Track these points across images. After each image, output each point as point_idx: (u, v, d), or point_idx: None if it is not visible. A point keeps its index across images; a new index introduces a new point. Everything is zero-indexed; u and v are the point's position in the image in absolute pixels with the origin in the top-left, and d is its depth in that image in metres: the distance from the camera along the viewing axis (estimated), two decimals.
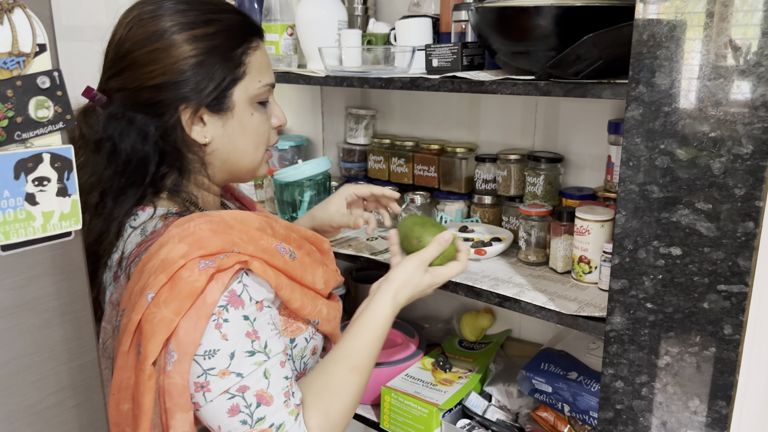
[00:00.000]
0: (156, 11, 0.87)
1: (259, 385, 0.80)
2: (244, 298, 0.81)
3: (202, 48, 0.87)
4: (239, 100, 0.90)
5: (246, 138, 0.93)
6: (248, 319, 0.81)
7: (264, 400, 0.80)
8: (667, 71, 0.81)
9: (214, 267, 0.78)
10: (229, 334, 0.79)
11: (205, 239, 0.80)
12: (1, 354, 0.63)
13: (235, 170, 0.96)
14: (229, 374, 0.79)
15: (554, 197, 1.31)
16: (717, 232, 0.81)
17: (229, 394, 0.79)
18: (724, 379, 0.84)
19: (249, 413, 0.79)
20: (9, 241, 0.61)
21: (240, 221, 0.85)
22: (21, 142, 0.62)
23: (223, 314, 0.79)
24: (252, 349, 0.81)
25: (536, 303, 1.07)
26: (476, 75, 1.10)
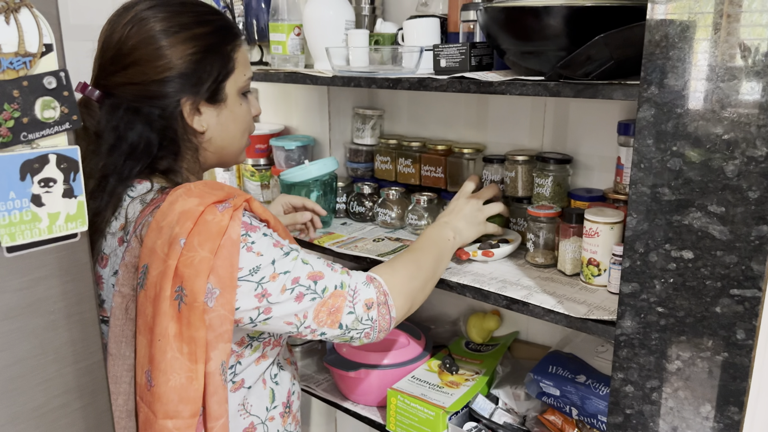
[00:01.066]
0: (152, 13, 0.96)
1: (305, 270, 0.93)
2: (255, 223, 0.93)
3: (199, 46, 0.97)
4: (230, 92, 1.02)
5: (236, 125, 1.05)
6: (267, 235, 0.93)
7: (317, 277, 0.94)
8: (680, 72, 0.80)
9: (231, 207, 0.90)
10: (262, 250, 0.91)
11: (209, 191, 0.91)
12: (8, 355, 0.63)
13: (225, 155, 1.07)
14: (278, 275, 0.91)
15: (563, 199, 1.29)
16: (730, 236, 0.80)
17: (288, 290, 0.91)
18: (736, 384, 0.83)
19: (313, 290, 0.93)
20: (15, 242, 0.61)
21: (226, 185, 0.97)
22: (27, 142, 0.61)
23: (247, 240, 0.90)
24: (284, 251, 0.93)
25: (545, 306, 1.06)
26: (485, 75, 1.09)
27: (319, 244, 1.40)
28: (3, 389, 0.63)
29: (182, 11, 0.98)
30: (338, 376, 1.44)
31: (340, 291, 0.95)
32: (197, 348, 0.87)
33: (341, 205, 1.60)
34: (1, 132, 0.59)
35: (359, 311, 0.96)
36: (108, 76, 0.97)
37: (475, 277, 1.19)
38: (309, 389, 1.51)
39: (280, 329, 0.95)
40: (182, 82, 0.96)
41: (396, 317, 1.00)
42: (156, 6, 0.97)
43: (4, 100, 0.59)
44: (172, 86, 0.96)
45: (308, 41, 1.47)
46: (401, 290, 1.02)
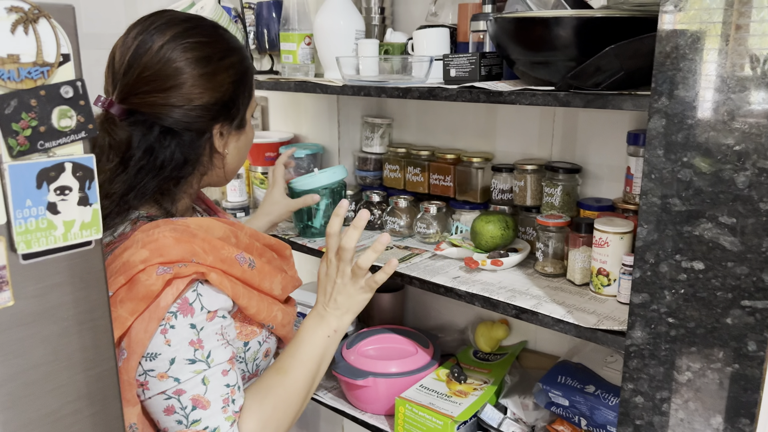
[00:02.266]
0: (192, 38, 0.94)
1: (196, 390, 0.85)
2: (196, 306, 0.86)
3: (236, 74, 0.98)
4: (247, 117, 1.04)
5: (246, 148, 1.07)
6: (195, 328, 0.86)
7: (200, 404, 0.85)
8: (690, 83, 0.80)
9: (172, 273, 0.84)
10: (173, 341, 0.84)
11: (167, 246, 0.85)
12: (22, 362, 0.63)
13: (228, 176, 1.06)
14: (167, 378, 0.85)
15: (572, 208, 1.30)
16: (741, 247, 0.80)
17: (165, 395, 0.85)
18: (747, 396, 0.83)
19: (184, 415, 0.85)
20: (30, 249, 0.62)
21: (204, 230, 0.91)
22: (44, 151, 0.62)
23: (171, 320, 0.84)
24: (193, 358, 0.85)
25: (554, 315, 1.06)
26: (494, 85, 1.09)
27: None
28: (18, 395, 0.63)
29: (215, 36, 0.97)
30: (346, 384, 1.44)
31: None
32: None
33: (350, 213, 1.60)
34: (18, 141, 0.60)
35: None
36: (141, 95, 0.92)
37: (484, 286, 1.19)
38: (316, 397, 1.51)
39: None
40: (217, 109, 0.96)
41: None
42: (191, 30, 0.94)
43: (22, 109, 0.60)
44: (208, 113, 0.95)
45: (318, 50, 1.48)
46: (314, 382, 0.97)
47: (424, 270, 1.29)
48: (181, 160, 0.95)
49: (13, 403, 0.63)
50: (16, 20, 0.59)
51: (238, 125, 1.01)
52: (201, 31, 0.96)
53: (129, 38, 0.94)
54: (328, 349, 1.01)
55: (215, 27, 0.99)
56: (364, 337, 1.53)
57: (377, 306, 1.67)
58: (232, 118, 0.99)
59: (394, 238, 1.52)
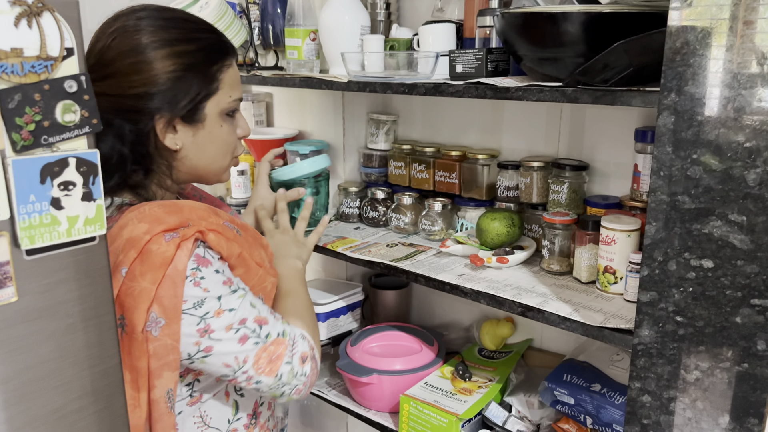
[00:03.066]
0: (139, 25, 0.93)
1: (253, 314, 0.94)
2: (208, 257, 0.91)
3: (181, 64, 0.94)
4: (211, 112, 0.99)
5: (215, 147, 1.02)
6: (219, 272, 0.92)
7: (263, 322, 0.94)
8: (700, 79, 0.79)
9: (179, 236, 0.88)
10: (209, 286, 0.90)
11: (163, 217, 0.89)
12: (28, 358, 0.63)
13: (201, 174, 1.05)
14: (223, 312, 0.90)
15: (578, 206, 1.29)
16: (751, 245, 0.79)
17: (234, 329, 0.91)
18: (756, 396, 0.82)
19: (257, 336, 0.93)
20: (34, 245, 0.61)
21: (188, 205, 0.94)
22: (47, 146, 0.61)
23: (197, 274, 0.89)
24: (233, 288, 0.93)
25: (561, 313, 1.05)
26: (501, 81, 1.08)
27: (332, 249, 1.40)
28: (23, 392, 0.63)
29: (170, 26, 0.95)
30: (350, 381, 1.43)
31: (281, 339, 0.96)
32: (139, 376, 0.87)
33: (354, 209, 1.60)
34: (22, 135, 0.59)
35: (296, 364, 0.97)
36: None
37: (490, 284, 1.19)
38: (321, 394, 1.51)
39: (215, 370, 0.93)
40: (158, 98, 0.93)
41: (319, 371, 1.02)
42: (145, 18, 0.94)
43: (26, 103, 0.59)
44: (147, 102, 0.93)
45: (324, 46, 1.47)
46: (318, 341, 1.04)
47: (429, 267, 1.28)
48: (127, 153, 0.94)
49: (18, 399, 0.63)
50: (19, 13, 0.58)
51: (188, 118, 0.96)
52: (152, 20, 0.94)
53: (99, 28, 0.96)
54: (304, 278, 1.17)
55: (177, 17, 0.97)
56: (369, 334, 1.53)
57: (382, 303, 1.67)
58: (173, 110, 0.94)
59: (399, 235, 1.51)
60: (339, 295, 1.58)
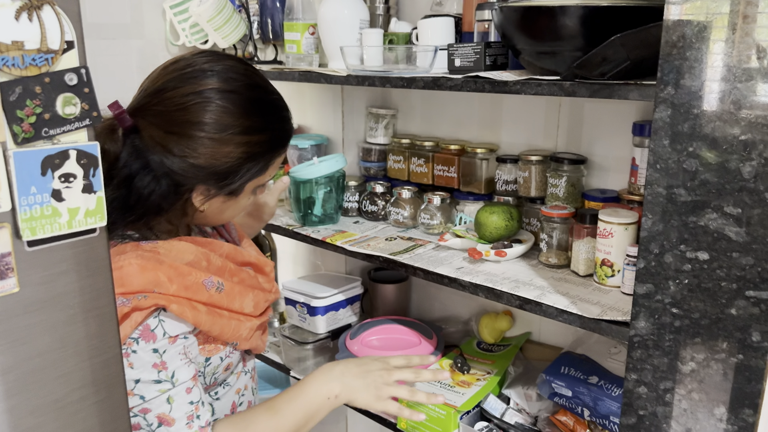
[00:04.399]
0: (227, 102, 0.90)
1: (162, 409, 0.88)
2: (158, 333, 0.88)
3: (248, 153, 0.93)
4: (248, 189, 0.98)
5: (234, 212, 1.02)
6: (157, 352, 0.88)
7: (165, 422, 0.88)
8: (697, 72, 0.80)
9: (130, 306, 0.85)
10: (136, 364, 0.86)
11: (129, 276, 0.86)
12: (29, 349, 0.63)
13: (205, 224, 1.05)
14: (133, 395, 0.86)
15: (576, 199, 1.29)
16: (746, 237, 0.80)
17: (132, 413, 0.86)
18: (751, 386, 0.82)
19: (150, 431, 0.88)
20: (35, 236, 0.62)
21: (172, 256, 0.91)
22: (48, 138, 0.62)
23: (132, 345, 0.86)
24: (158, 378, 0.88)
25: (558, 306, 1.05)
26: (499, 75, 1.09)
27: (332, 243, 1.41)
28: (24, 382, 0.64)
29: (250, 112, 0.91)
30: None
31: None
32: None
33: (354, 204, 1.60)
34: (23, 128, 0.60)
35: None
36: (147, 120, 0.90)
37: (488, 277, 1.19)
38: None
39: None
40: (211, 176, 0.91)
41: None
42: (229, 93, 0.90)
43: (26, 96, 0.60)
44: (198, 174, 0.91)
45: (323, 40, 1.47)
46: None
47: (427, 261, 1.29)
48: (155, 203, 0.92)
49: (19, 389, 0.64)
50: (20, 6, 0.59)
51: (230, 193, 0.96)
52: (241, 97, 0.91)
53: (180, 64, 0.92)
54: (321, 409, 0.99)
55: (262, 101, 0.94)
56: (368, 327, 1.54)
57: (381, 297, 1.67)
58: (223, 187, 0.94)
59: (398, 229, 1.52)
60: (338, 289, 1.59)
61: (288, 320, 1.65)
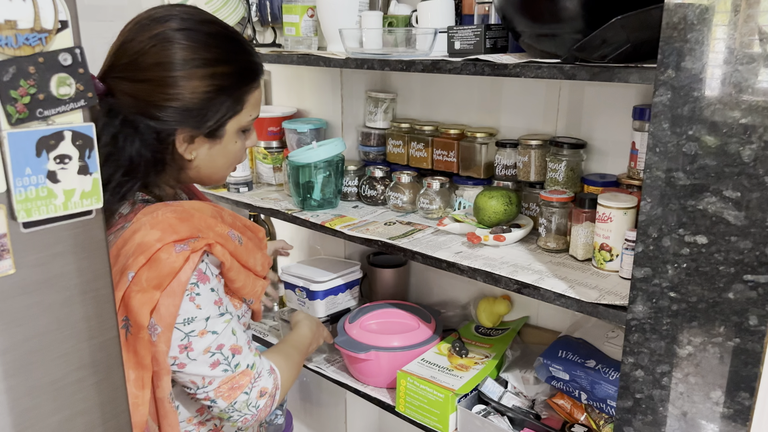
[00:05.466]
0: (181, 37, 0.93)
1: (231, 341, 0.97)
2: (209, 274, 0.95)
3: (216, 85, 0.95)
4: (230, 130, 1.00)
5: (225, 159, 1.04)
6: (214, 291, 0.95)
7: (237, 351, 0.97)
8: (698, 55, 0.79)
9: (189, 250, 0.91)
10: (203, 304, 0.93)
11: (175, 225, 0.91)
12: (25, 330, 0.64)
13: (204, 180, 1.06)
14: (206, 333, 0.94)
15: (576, 184, 1.29)
16: (745, 221, 0.79)
17: (210, 353, 0.94)
18: (747, 370, 0.83)
19: (228, 363, 0.96)
20: (31, 218, 0.62)
21: (198, 210, 0.97)
22: (43, 119, 0.62)
23: (194, 290, 0.92)
24: (221, 312, 0.96)
25: (556, 290, 1.06)
26: (499, 58, 1.08)
27: (331, 227, 1.41)
28: (21, 362, 0.64)
29: (210, 44, 0.94)
30: (348, 357, 1.45)
31: (248, 371, 0.99)
32: (144, 374, 0.91)
33: (353, 188, 1.60)
34: (17, 108, 0.60)
35: (253, 396, 0.99)
36: (116, 78, 0.94)
37: (486, 261, 1.19)
38: (319, 370, 1.53)
39: (181, 383, 0.97)
40: (187, 115, 0.94)
41: (272, 410, 1.04)
42: (186, 30, 0.93)
43: (20, 76, 0.59)
44: (175, 116, 0.93)
45: (321, 23, 1.46)
46: (286, 388, 1.07)
47: (426, 245, 1.29)
48: (149, 157, 0.95)
49: (16, 370, 0.64)
50: None
51: (211, 135, 0.98)
52: (193, 33, 0.93)
53: (136, 19, 0.95)
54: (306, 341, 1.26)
55: (220, 34, 0.96)
56: (367, 311, 1.54)
57: (380, 281, 1.67)
58: (198, 127, 0.96)
59: (397, 213, 1.51)
60: (338, 273, 1.59)
61: (287, 304, 1.65)
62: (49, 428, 0.67)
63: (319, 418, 2.01)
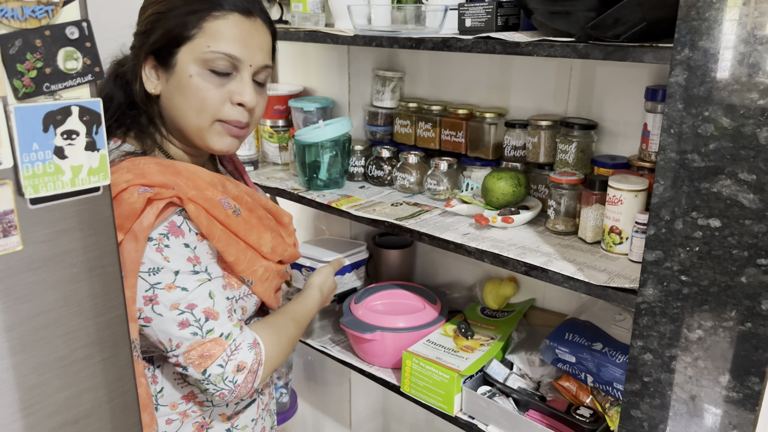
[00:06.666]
0: None
1: (206, 303, 0.92)
2: (184, 228, 0.91)
3: (165, 5, 0.94)
4: (183, 59, 0.94)
5: (183, 98, 0.95)
6: (189, 247, 0.91)
7: (211, 316, 0.92)
8: (715, 34, 0.77)
9: (152, 192, 0.87)
10: (171, 257, 0.89)
11: (150, 173, 0.89)
12: (32, 306, 0.63)
13: (181, 129, 0.98)
14: (174, 288, 0.89)
15: (586, 165, 1.27)
16: (760, 204, 0.78)
17: (178, 311, 0.90)
18: (758, 355, 0.82)
19: (198, 326, 0.91)
20: (38, 194, 0.61)
21: (192, 172, 0.94)
22: (50, 94, 0.61)
23: (163, 240, 0.89)
24: (194, 270, 0.91)
25: (564, 273, 1.05)
26: (511, 36, 1.06)
27: (337, 207, 1.40)
28: (27, 339, 0.63)
29: None
30: (354, 337, 1.45)
31: (221, 340, 0.92)
32: None
33: (359, 168, 1.59)
34: (24, 82, 0.59)
35: (228, 369, 0.92)
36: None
37: (494, 243, 1.18)
38: (325, 350, 1.53)
39: (150, 341, 0.93)
40: (138, 38, 0.96)
41: (256, 388, 0.98)
42: None
43: (26, 49, 0.58)
44: (135, 43, 0.97)
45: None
46: (273, 364, 1.00)
47: (433, 226, 1.28)
48: (120, 96, 0.98)
49: (23, 347, 0.64)
50: None
51: (161, 60, 0.95)
52: None
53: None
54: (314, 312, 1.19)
55: None
56: (373, 292, 1.54)
57: (386, 262, 1.67)
58: (147, 46, 0.94)
59: (404, 194, 1.50)
60: (343, 254, 1.58)
61: (293, 284, 1.65)
62: (56, 405, 0.67)
63: (323, 398, 2.02)
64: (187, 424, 1.01)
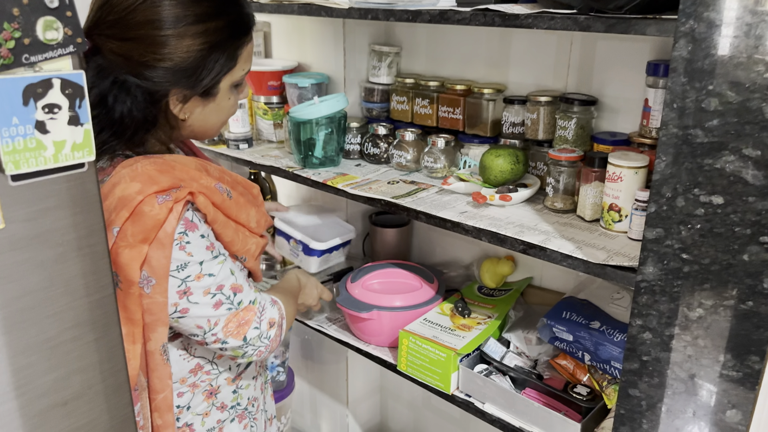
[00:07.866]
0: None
1: (230, 281, 0.97)
2: (196, 221, 0.93)
3: (208, 42, 0.92)
4: (224, 87, 0.98)
5: (219, 116, 1.02)
6: (204, 237, 0.94)
7: (238, 290, 0.98)
8: (721, 5, 0.75)
9: (172, 200, 0.89)
10: (194, 251, 0.92)
11: (155, 177, 0.89)
12: (16, 287, 0.61)
13: (197, 136, 1.05)
14: (203, 276, 0.94)
15: (585, 142, 1.25)
16: (764, 181, 0.76)
17: (211, 294, 0.95)
18: (759, 333, 0.81)
19: (230, 302, 0.97)
20: (19, 170, 0.59)
21: (180, 162, 0.94)
22: (29, 65, 0.58)
23: (184, 238, 0.91)
24: (214, 254, 0.95)
25: (563, 251, 1.03)
26: (511, 8, 1.03)
27: (333, 185, 1.38)
28: (13, 320, 0.62)
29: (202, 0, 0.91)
30: (350, 316, 1.44)
31: (252, 306, 1.00)
32: (135, 329, 0.91)
33: (355, 146, 1.56)
34: (1, 53, 0.56)
35: (263, 328, 1.01)
36: (103, 36, 0.90)
37: (492, 221, 1.17)
38: (321, 329, 1.52)
39: (187, 330, 0.97)
40: (179, 75, 0.91)
41: (281, 342, 1.06)
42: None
43: (3, 18, 0.56)
44: (167, 76, 0.91)
45: None
46: (289, 321, 1.08)
47: (430, 204, 1.26)
48: (140, 118, 0.93)
49: (9, 328, 0.62)
50: None
51: (205, 93, 0.96)
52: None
53: None
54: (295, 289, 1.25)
55: None
56: (369, 271, 1.53)
57: (382, 241, 1.66)
58: (192, 87, 0.93)
59: (401, 172, 1.48)
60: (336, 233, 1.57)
61: (278, 250, 1.63)
62: (45, 386, 0.66)
63: (320, 376, 2.02)
64: (198, 394, 1.05)
